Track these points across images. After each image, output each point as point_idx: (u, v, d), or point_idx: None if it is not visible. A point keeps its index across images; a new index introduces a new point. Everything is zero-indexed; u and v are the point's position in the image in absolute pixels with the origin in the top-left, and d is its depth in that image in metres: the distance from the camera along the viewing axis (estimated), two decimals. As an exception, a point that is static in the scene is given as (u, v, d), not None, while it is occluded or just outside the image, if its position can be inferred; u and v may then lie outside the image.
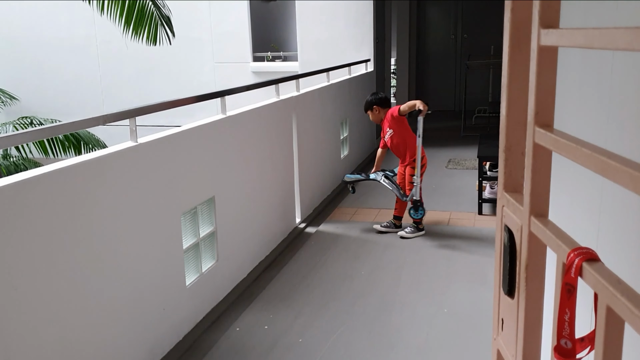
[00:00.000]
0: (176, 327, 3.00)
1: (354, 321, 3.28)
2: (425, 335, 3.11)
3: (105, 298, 2.47)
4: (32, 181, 2.10)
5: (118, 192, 2.54)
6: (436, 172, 6.65)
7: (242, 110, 3.85)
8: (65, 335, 2.24)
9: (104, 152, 2.54)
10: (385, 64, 8.64)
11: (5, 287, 1.95)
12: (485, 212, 5.13)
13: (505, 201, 1.09)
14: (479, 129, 8.78)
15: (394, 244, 4.48)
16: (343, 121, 6.27)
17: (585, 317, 1.09)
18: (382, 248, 4.40)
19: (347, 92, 6.42)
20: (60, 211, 2.21)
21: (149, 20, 5.90)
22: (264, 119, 4.15)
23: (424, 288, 3.68)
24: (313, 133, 5.20)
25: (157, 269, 2.84)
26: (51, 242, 2.16)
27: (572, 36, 0.74)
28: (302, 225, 4.85)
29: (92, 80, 9.11)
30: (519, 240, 1.00)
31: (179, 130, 3.08)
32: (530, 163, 0.92)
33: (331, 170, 5.83)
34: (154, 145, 2.82)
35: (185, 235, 3.12)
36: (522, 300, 0.99)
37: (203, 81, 8.65)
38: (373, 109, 4.79)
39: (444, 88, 11.08)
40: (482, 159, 5.17)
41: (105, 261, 2.46)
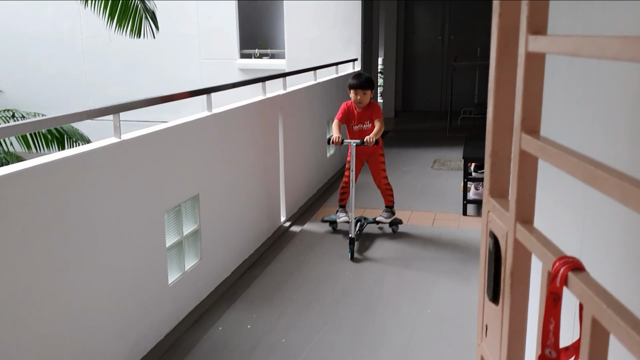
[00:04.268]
0: (158, 326, 2.97)
1: (338, 321, 3.27)
2: (409, 336, 3.11)
3: (86, 295, 2.43)
4: (13, 176, 2.06)
5: (101, 189, 2.50)
6: (421, 172, 6.67)
7: (228, 107, 3.82)
8: (45, 333, 2.21)
9: (87, 147, 2.50)
10: (372, 63, 8.65)
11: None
12: (470, 213, 5.15)
13: (490, 206, 1.08)
14: (464, 130, 8.82)
15: (379, 244, 4.48)
16: (329, 120, 6.25)
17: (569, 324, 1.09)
18: (366, 248, 4.39)
19: (334, 91, 6.40)
20: (41, 207, 2.17)
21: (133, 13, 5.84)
22: (250, 117, 4.13)
23: (408, 289, 3.68)
24: (299, 132, 5.18)
25: (140, 267, 2.81)
26: (32, 238, 2.12)
27: (560, 43, 0.74)
28: (287, 224, 4.83)
29: (76, 75, 9.01)
30: (504, 246, 0.99)
31: (163, 126, 3.05)
32: (516, 169, 0.91)
33: (317, 169, 5.81)
34: (138, 142, 2.79)
35: (169, 233, 3.08)
36: (507, 307, 0.99)
37: (189, 77, 8.59)
38: (372, 90, 4.45)
39: (430, 89, 11.12)
40: (467, 160, 5.19)
41: (86, 258, 2.42)
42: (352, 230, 4.17)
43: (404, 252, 4.32)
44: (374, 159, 4.57)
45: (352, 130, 4.45)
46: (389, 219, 4.61)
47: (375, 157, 4.56)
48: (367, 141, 4.10)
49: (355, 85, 4.34)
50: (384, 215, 4.63)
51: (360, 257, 4.15)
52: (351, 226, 4.18)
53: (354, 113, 4.43)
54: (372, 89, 4.39)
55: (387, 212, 4.63)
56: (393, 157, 7.51)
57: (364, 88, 4.35)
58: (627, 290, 1.10)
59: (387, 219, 4.61)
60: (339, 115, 4.43)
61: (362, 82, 4.35)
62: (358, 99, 4.36)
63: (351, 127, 4.46)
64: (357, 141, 4.16)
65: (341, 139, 4.14)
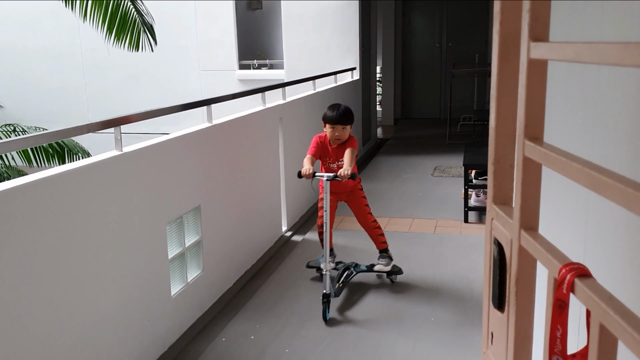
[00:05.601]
0: (161, 338, 2.96)
1: (341, 330, 3.26)
2: (413, 345, 3.09)
3: (90, 308, 2.43)
4: (15, 190, 2.06)
5: (102, 202, 2.50)
6: (422, 180, 6.67)
7: (228, 118, 3.83)
8: (49, 345, 2.20)
9: (88, 161, 2.51)
10: (371, 72, 8.67)
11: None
12: (471, 220, 5.14)
13: (494, 214, 1.08)
14: (464, 136, 8.83)
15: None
16: (329, 129, 6.26)
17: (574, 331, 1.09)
18: (368, 257, 4.38)
19: (334, 100, 6.41)
20: (44, 221, 2.17)
21: (132, 26, 5.87)
22: (250, 127, 4.13)
23: (411, 298, 3.67)
24: (299, 141, 5.18)
25: (142, 279, 2.80)
26: (34, 252, 2.12)
27: (562, 50, 0.74)
28: (289, 233, 4.83)
29: (76, 88, 9.04)
30: (509, 253, 0.99)
31: (164, 139, 3.05)
32: (520, 176, 0.91)
33: (317, 178, 5.81)
34: (139, 154, 2.79)
35: (171, 244, 3.08)
36: (512, 315, 0.98)
37: (189, 89, 8.61)
38: (351, 125, 3.77)
39: (429, 96, 11.15)
40: (468, 167, 5.19)
41: (89, 271, 2.42)
42: (326, 284, 3.37)
43: (406, 259, 4.30)
44: (354, 197, 3.84)
45: (328, 168, 3.76)
46: (388, 265, 3.85)
47: (355, 193, 3.85)
48: (340, 175, 3.39)
49: (335, 119, 3.64)
50: (382, 262, 3.86)
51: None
52: (325, 280, 3.38)
53: (328, 149, 3.75)
54: (352, 122, 3.74)
55: (385, 259, 3.86)
56: (393, 164, 7.52)
57: (344, 123, 3.66)
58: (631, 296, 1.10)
59: (387, 265, 3.85)
60: (311, 149, 3.72)
61: (341, 116, 3.64)
62: (336, 136, 3.67)
63: (327, 164, 3.78)
64: (330, 175, 3.47)
65: (312, 171, 3.47)
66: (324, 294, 3.34)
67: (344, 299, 3.65)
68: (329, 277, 3.41)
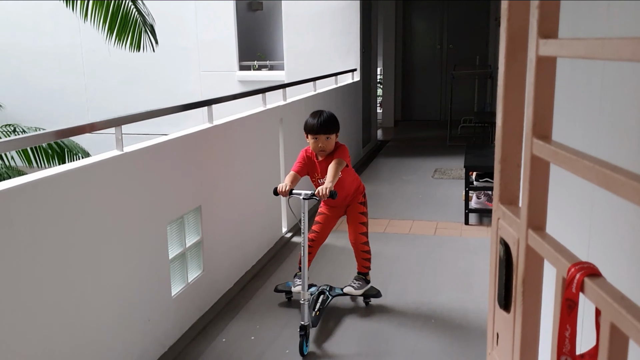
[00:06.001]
0: (161, 338, 2.95)
1: (341, 329, 3.25)
2: (413, 347, 3.08)
3: (90, 308, 2.41)
4: (16, 190, 2.05)
5: (103, 201, 2.49)
6: (422, 182, 6.66)
7: (229, 119, 3.83)
8: (49, 345, 2.19)
9: (89, 160, 2.50)
10: (371, 73, 8.67)
11: (-15, 300, 1.90)
12: (471, 222, 5.13)
13: (500, 213, 1.08)
14: (464, 138, 8.83)
15: (381, 254, 4.46)
16: (330, 130, 6.25)
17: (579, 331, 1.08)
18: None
19: (334, 101, 6.41)
20: (44, 221, 2.16)
21: (133, 27, 5.87)
22: (251, 128, 4.13)
23: (411, 299, 3.66)
24: (299, 142, 5.17)
25: (143, 279, 2.79)
26: (35, 252, 2.11)
27: (572, 47, 0.73)
28: (289, 235, 4.82)
29: (76, 89, 9.03)
30: (516, 253, 0.98)
31: (165, 139, 3.04)
32: (527, 175, 0.90)
33: (318, 180, 5.80)
34: (139, 154, 2.78)
35: (172, 245, 3.07)
36: (519, 315, 0.97)
37: (189, 90, 8.60)
38: (337, 133, 3.35)
39: (430, 98, 11.14)
40: (468, 168, 5.19)
41: (89, 271, 2.41)
42: (304, 315, 3.00)
43: (406, 261, 4.29)
44: (352, 209, 3.47)
45: (317, 184, 3.33)
46: (360, 289, 3.45)
47: (353, 207, 3.46)
48: (320, 194, 2.94)
49: (316, 128, 3.21)
50: (354, 285, 3.46)
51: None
52: (303, 310, 3.01)
53: (315, 164, 3.32)
54: (337, 131, 3.30)
55: (360, 281, 3.48)
56: (393, 166, 7.51)
57: (328, 132, 3.23)
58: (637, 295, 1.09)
59: (359, 289, 3.45)
60: (296, 166, 3.30)
61: (323, 124, 3.21)
62: (320, 147, 3.25)
63: (316, 180, 3.36)
64: (307, 192, 3.00)
65: (290, 188, 3.04)
66: (302, 326, 2.95)
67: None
68: (307, 307, 3.01)
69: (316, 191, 2.97)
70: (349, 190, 3.42)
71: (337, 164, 3.14)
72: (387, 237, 4.80)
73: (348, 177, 3.39)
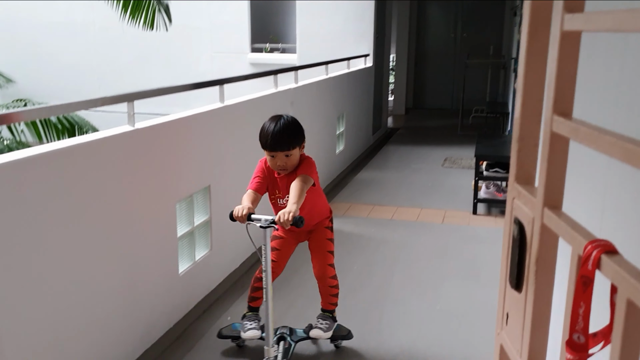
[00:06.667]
0: (168, 315, 2.97)
1: (346, 315, 3.26)
2: (417, 332, 3.09)
3: (98, 283, 2.43)
4: (27, 161, 2.06)
5: (114, 177, 2.50)
6: (432, 170, 6.65)
7: (240, 99, 3.82)
8: (57, 319, 2.21)
9: (101, 134, 2.50)
10: (384, 59, 8.62)
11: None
12: (480, 212, 5.12)
13: (516, 193, 1.07)
14: (475, 128, 8.78)
15: (388, 240, 4.46)
16: (340, 116, 6.24)
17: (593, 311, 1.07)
18: (375, 244, 4.38)
19: (345, 86, 6.39)
20: (55, 193, 2.17)
21: (147, 5, 5.85)
22: (262, 110, 4.11)
23: (417, 285, 3.67)
24: (309, 126, 5.15)
25: (151, 256, 2.81)
26: (45, 224, 2.12)
27: (599, 20, 0.72)
28: (297, 218, 4.82)
29: (88, 66, 9.03)
30: (530, 232, 0.98)
31: (176, 117, 3.04)
32: (546, 153, 0.89)
33: (326, 165, 5.80)
34: (151, 131, 2.78)
35: (180, 223, 3.08)
36: (531, 294, 0.97)
37: (200, 71, 8.58)
38: (302, 145, 2.66)
39: (442, 86, 11.08)
40: (479, 158, 5.16)
41: (98, 246, 2.42)
42: None
43: (413, 248, 4.29)
44: (317, 236, 2.82)
45: (277, 205, 2.72)
46: (329, 330, 2.86)
47: (319, 232, 2.82)
48: (280, 221, 2.30)
49: (270, 144, 2.54)
50: (321, 326, 2.85)
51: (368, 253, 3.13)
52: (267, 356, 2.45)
53: (276, 180, 2.68)
54: (299, 143, 2.60)
55: (327, 320, 2.87)
56: (403, 154, 7.49)
57: (286, 148, 2.54)
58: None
59: (327, 331, 2.85)
60: (254, 182, 2.64)
61: (278, 138, 2.53)
62: (279, 166, 2.59)
63: (275, 200, 2.73)
64: (269, 218, 2.35)
65: (248, 212, 2.41)
66: None
67: (351, 283, 3.63)
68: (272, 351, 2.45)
69: (277, 217, 2.30)
70: (316, 214, 2.77)
71: (302, 182, 2.46)
72: (394, 224, 4.80)
73: (314, 199, 2.71)
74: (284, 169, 2.60)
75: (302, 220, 2.31)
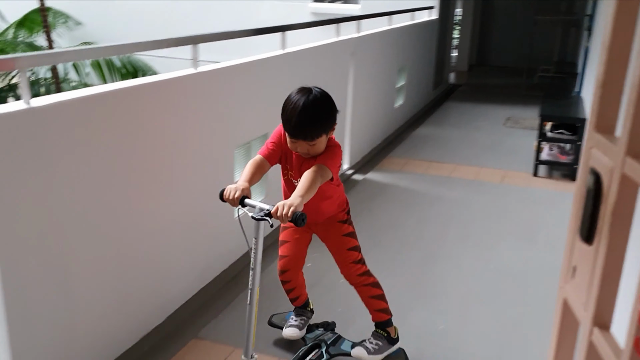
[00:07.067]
0: (224, 256, 3.06)
1: (397, 269, 3.27)
2: (468, 288, 3.07)
3: (162, 220, 2.51)
4: (97, 97, 2.12)
5: (176, 118, 2.54)
6: (493, 129, 6.47)
7: (301, 47, 3.78)
8: (121, 251, 2.30)
9: (166, 76, 2.54)
10: (449, 13, 8.32)
11: (67, 197, 2.00)
12: (541, 174, 4.96)
13: (594, 142, 1.02)
14: (541, 88, 8.44)
15: (444, 198, 4.40)
16: (401, 69, 6.10)
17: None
18: (430, 200, 4.33)
19: (408, 38, 6.22)
20: (121, 129, 2.22)
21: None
22: (322, 59, 4.07)
23: (471, 243, 3.62)
24: (369, 78, 5.08)
25: (209, 199, 2.87)
26: (111, 160, 2.19)
27: None
28: (350, 171, 4.81)
29: (153, 12, 9.11)
30: (608, 183, 0.93)
31: (238, 62, 3.05)
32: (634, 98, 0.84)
33: (383, 119, 5.73)
34: (213, 75, 2.80)
35: (237, 169, 3.13)
36: (603, 247, 0.93)
37: (261, 20, 8.53)
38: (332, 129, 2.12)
39: (508, 43, 10.64)
40: (544, 118, 4.97)
41: (161, 183, 2.49)
42: None
43: (469, 207, 4.22)
44: (331, 234, 2.35)
45: (290, 184, 2.22)
46: (377, 354, 2.35)
47: (333, 228, 2.33)
48: (278, 214, 1.83)
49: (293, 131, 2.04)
50: (368, 346, 2.35)
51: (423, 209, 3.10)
52: None
53: (290, 155, 2.17)
54: (327, 131, 2.08)
55: (377, 340, 2.38)
56: (464, 112, 7.30)
57: (312, 138, 2.03)
58: None
59: (373, 353, 2.35)
60: (265, 148, 2.16)
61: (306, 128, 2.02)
62: (300, 152, 2.09)
63: (288, 177, 2.24)
64: (265, 207, 1.87)
65: (242, 194, 1.92)
66: None
67: (404, 238, 3.62)
68: None
69: (274, 208, 1.83)
70: (326, 211, 2.30)
71: (318, 174, 1.98)
72: (451, 182, 4.73)
73: (329, 194, 2.23)
74: (306, 154, 2.09)
75: (304, 218, 1.81)
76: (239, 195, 1.91)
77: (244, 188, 1.93)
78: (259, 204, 1.89)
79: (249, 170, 2.06)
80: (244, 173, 2.05)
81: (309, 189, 1.93)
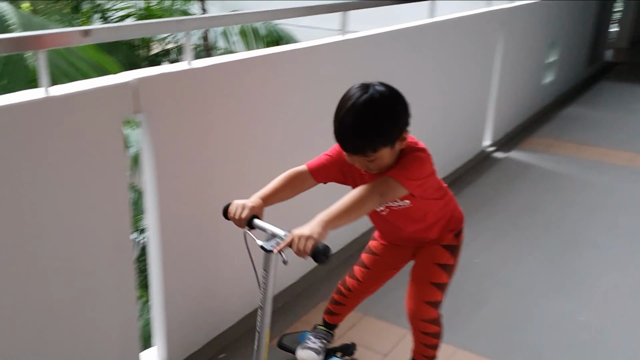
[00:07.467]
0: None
1: (537, 253, 3.11)
2: (614, 282, 2.85)
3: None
4: (250, 61, 2.22)
5: (325, 83, 2.58)
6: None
7: (448, 17, 3.65)
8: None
9: (315, 42, 2.58)
10: (612, -17, 7.60)
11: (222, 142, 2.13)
12: None
13: None
14: None
15: (591, 183, 4.09)
16: (551, 44, 5.70)
17: None
18: (576, 185, 4.05)
19: (562, 11, 5.78)
20: (271, 93, 2.31)
21: None
22: (470, 29, 3.91)
23: (619, 233, 3.34)
24: (517, 51, 4.80)
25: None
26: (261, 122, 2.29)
27: None
28: (491, 149, 4.62)
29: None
30: None
31: (385, 30, 3.02)
32: None
33: (530, 95, 5.41)
34: (360, 42, 2.81)
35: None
36: None
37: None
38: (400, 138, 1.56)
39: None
40: None
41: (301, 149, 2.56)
42: None
43: (622, 195, 3.88)
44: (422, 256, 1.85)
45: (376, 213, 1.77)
46: None
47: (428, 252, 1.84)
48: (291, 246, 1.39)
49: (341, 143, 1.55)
50: None
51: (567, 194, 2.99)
52: None
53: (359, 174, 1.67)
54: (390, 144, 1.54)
55: None
56: (620, 92, 6.69)
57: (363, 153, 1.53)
58: None
59: None
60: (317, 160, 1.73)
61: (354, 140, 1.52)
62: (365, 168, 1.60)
63: None
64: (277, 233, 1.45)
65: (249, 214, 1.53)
66: None
67: (545, 222, 3.42)
68: None
69: (289, 237, 1.39)
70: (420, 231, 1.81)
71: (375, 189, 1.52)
72: (600, 167, 4.38)
73: (420, 213, 1.75)
74: (369, 170, 1.61)
75: (327, 253, 1.36)
76: (247, 215, 1.52)
77: (253, 206, 1.54)
78: (271, 227, 1.48)
79: (276, 183, 1.64)
80: (267, 186, 1.63)
81: (347, 211, 1.45)
